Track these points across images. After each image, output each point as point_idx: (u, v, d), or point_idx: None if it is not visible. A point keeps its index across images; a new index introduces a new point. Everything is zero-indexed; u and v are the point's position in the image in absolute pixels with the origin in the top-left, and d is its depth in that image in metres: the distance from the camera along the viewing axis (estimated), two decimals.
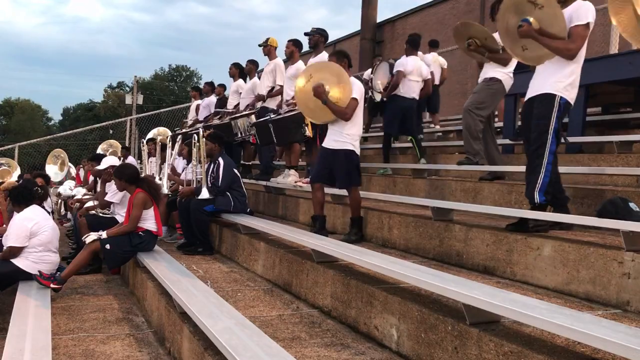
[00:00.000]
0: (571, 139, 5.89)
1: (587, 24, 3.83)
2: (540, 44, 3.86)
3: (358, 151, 5.16)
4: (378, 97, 8.59)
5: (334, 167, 5.10)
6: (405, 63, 7.80)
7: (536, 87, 4.05)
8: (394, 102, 7.82)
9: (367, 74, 10.77)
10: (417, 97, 7.91)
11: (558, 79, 3.92)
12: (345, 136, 5.06)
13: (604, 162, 5.54)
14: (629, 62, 5.61)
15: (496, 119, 6.97)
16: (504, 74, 5.81)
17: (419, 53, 8.82)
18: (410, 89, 7.78)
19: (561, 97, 3.91)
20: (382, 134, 11.53)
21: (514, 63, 5.69)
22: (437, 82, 10.03)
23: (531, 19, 3.82)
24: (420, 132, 8.55)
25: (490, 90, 5.85)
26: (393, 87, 7.83)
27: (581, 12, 3.84)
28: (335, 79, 5.03)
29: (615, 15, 4.97)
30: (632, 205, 3.83)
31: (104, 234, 5.58)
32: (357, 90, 5.04)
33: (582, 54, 3.96)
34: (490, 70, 5.85)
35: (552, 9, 3.80)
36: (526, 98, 4.16)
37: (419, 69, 7.90)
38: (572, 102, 3.98)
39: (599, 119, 7.50)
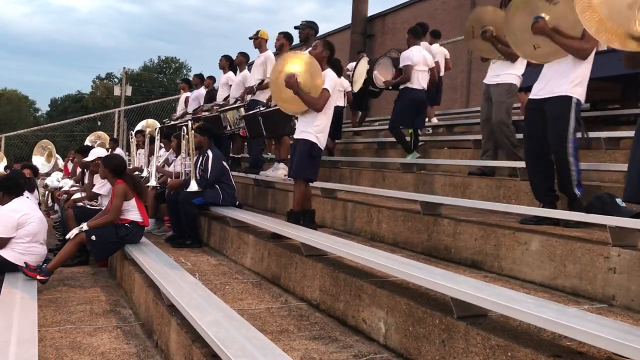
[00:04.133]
0: None
1: None
2: (553, 42, 3.86)
3: (322, 144, 5.05)
4: (356, 88, 8.50)
5: (293, 154, 5.07)
6: (412, 55, 7.62)
7: (548, 89, 4.06)
8: (405, 95, 7.66)
9: (350, 66, 10.77)
10: (425, 88, 7.80)
11: (571, 80, 3.97)
12: (310, 127, 5.00)
13: (592, 158, 5.58)
14: (617, 59, 5.64)
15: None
16: (517, 77, 5.73)
17: (424, 43, 8.69)
18: (419, 80, 7.64)
19: (577, 98, 3.99)
20: (373, 128, 11.59)
21: (523, 63, 5.59)
22: (441, 73, 9.97)
23: (546, 16, 3.81)
24: (424, 126, 8.46)
25: (510, 100, 5.79)
26: (404, 81, 7.66)
27: None
28: (307, 69, 5.01)
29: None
30: (618, 200, 3.87)
31: (84, 226, 5.54)
32: (329, 81, 4.98)
33: (592, 54, 3.99)
34: (503, 72, 5.73)
35: (567, 5, 3.79)
36: (533, 97, 4.16)
37: (424, 58, 7.74)
38: (583, 100, 4.06)
39: (587, 115, 7.54)
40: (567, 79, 3.96)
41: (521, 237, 3.62)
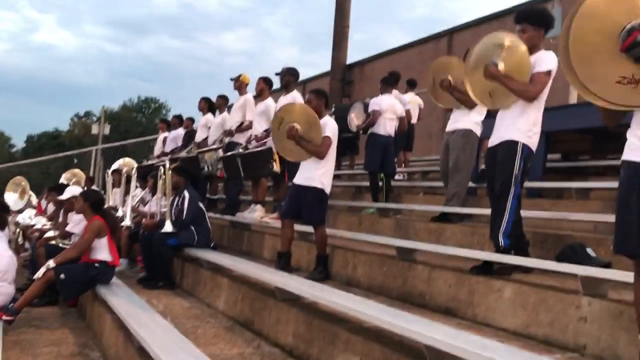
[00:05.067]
0: (532, 184, 6.05)
1: (549, 71, 3.98)
2: (504, 87, 3.99)
3: (328, 189, 5.21)
4: (354, 128, 8.74)
5: (302, 203, 5.13)
6: (380, 102, 7.95)
7: (499, 134, 4.15)
8: (372, 140, 7.94)
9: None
10: (392, 135, 8.03)
11: (520, 126, 4.04)
12: (316, 173, 5.11)
13: (563, 208, 5.69)
14: (587, 112, 5.83)
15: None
16: (475, 124, 5.88)
17: (396, 92, 8.97)
18: (386, 127, 7.90)
19: (523, 143, 4.03)
20: (352, 172, 11.68)
21: (481, 111, 5.76)
22: (414, 121, 10.20)
23: (500, 63, 3.95)
24: (394, 172, 8.60)
25: (467, 146, 5.89)
26: (370, 125, 7.95)
27: (543, 60, 4.00)
28: (304, 119, 5.11)
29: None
30: (589, 250, 3.94)
31: (51, 263, 5.43)
32: (331, 128, 5.14)
33: (542, 101, 4.09)
34: (460, 119, 5.90)
35: (519, 55, 3.95)
36: (490, 145, 4.27)
37: (392, 106, 8.05)
38: (534, 148, 4.10)
39: (559, 166, 7.72)
40: (515, 125, 4.05)
41: (494, 285, 3.65)
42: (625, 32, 2.23)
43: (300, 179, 5.25)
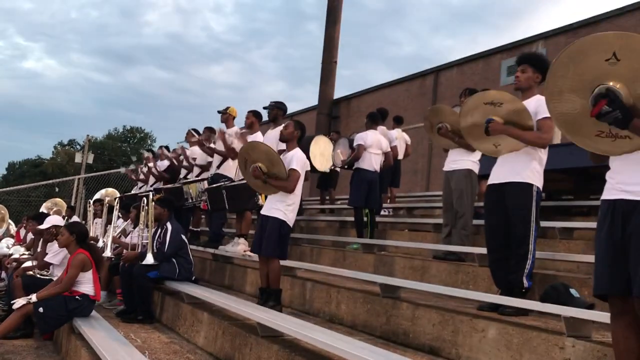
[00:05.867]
0: None
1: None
2: (511, 138, 4.03)
3: (291, 222, 5.15)
4: (339, 164, 8.78)
5: (264, 233, 5.09)
6: (365, 137, 7.96)
7: (505, 174, 4.18)
8: (358, 175, 7.93)
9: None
10: (378, 170, 8.06)
11: (532, 168, 4.11)
12: (280, 204, 5.08)
13: (547, 247, 5.70)
14: (570, 152, 5.90)
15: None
16: (474, 163, 5.94)
17: (382, 128, 9.03)
18: (372, 162, 7.91)
19: (537, 186, 4.12)
20: (337, 206, 11.68)
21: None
22: (400, 157, 10.26)
23: (495, 118, 4.02)
24: (380, 207, 8.61)
25: (469, 186, 5.93)
26: (355, 160, 7.98)
27: (545, 106, 4.06)
28: (265, 157, 5.13)
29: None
30: (572, 291, 3.93)
31: (34, 297, 5.31)
32: (298, 160, 5.13)
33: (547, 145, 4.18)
34: (460, 159, 5.95)
35: (511, 104, 4.02)
36: (492, 182, 4.28)
37: (378, 142, 8.08)
38: (541, 187, 4.20)
39: (542, 205, 7.76)
40: (526, 167, 4.11)
41: (478, 324, 3.62)
42: (592, 99, 2.29)
43: (265, 209, 5.24)
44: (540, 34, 16.83)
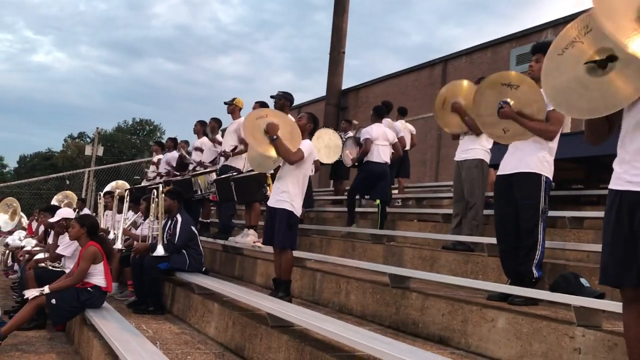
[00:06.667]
0: None
1: None
2: (520, 126, 4.00)
3: (298, 212, 5.15)
4: (349, 163, 8.82)
5: (274, 225, 5.10)
6: (371, 130, 8.09)
7: (514, 164, 4.17)
8: (365, 166, 8.04)
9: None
10: (388, 161, 8.12)
11: (541, 158, 4.08)
12: (284, 194, 5.09)
13: (557, 237, 5.68)
14: (580, 141, 5.86)
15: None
16: (485, 152, 5.90)
17: (387, 120, 9.07)
18: (380, 154, 8.00)
19: (546, 176, 4.09)
20: (344, 197, 11.69)
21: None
22: (407, 147, 10.27)
23: (510, 101, 3.95)
24: (390, 198, 8.62)
25: (480, 175, 5.91)
26: (364, 154, 8.05)
27: None
28: (289, 129, 5.11)
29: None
30: (582, 280, 3.92)
31: (46, 289, 5.36)
32: (307, 147, 5.13)
33: (557, 136, 4.14)
34: (470, 147, 5.91)
35: (529, 87, 3.95)
36: (502, 172, 4.26)
37: (384, 134, 8.17)
38: (551, 177, 4.17)
39: (552, 194, 7.72)
40: (535, 157, 4.08)
41: (488, 314, 3.62)
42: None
43: (271, 201, 5.24)
44: (549, 22, 16.63)
